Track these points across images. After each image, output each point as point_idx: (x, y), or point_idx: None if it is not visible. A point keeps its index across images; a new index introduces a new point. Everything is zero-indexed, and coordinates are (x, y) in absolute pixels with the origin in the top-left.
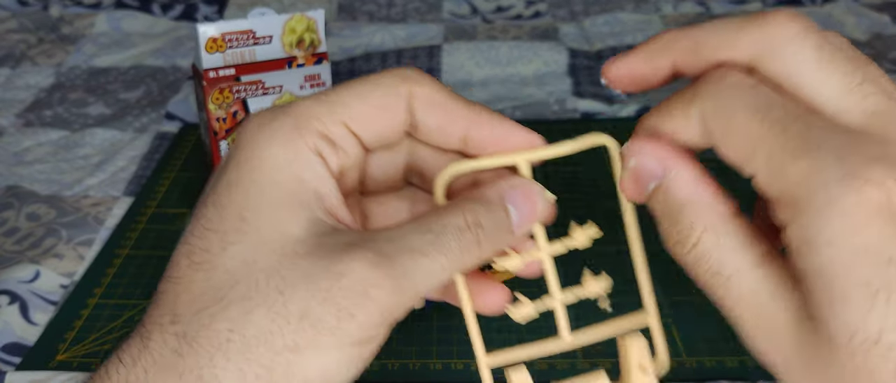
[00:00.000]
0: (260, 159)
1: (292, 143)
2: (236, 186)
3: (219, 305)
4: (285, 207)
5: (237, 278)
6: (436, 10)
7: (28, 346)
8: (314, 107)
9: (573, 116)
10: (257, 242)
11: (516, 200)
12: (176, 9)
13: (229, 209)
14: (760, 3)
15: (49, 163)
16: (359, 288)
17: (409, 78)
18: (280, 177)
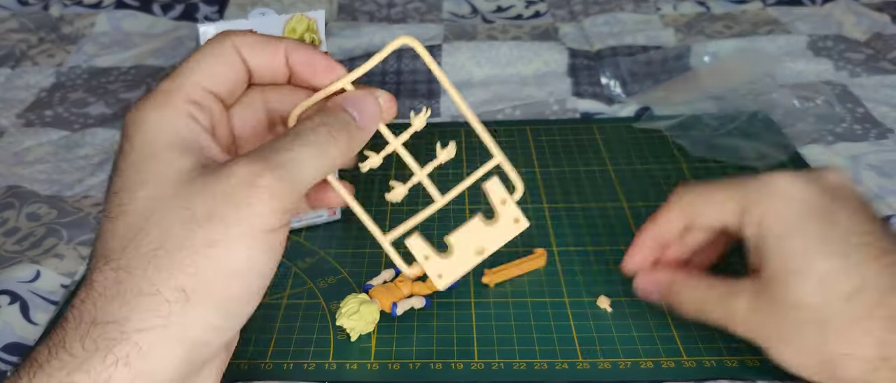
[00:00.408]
0: (143, 125)
1: (165, 109)
2: (129, 152)
3: (140, 235)
4: (172, 152)
5: (149, 211)
6: (436, 10)
7: (28, 346)
8: (174, 80)
9: (573, 116)
10: (157, 182)
11: (354, 103)
12: (176, 9)
13: (128, 170)
14: (761, 3)
15: (49, 163)
16: (248, 181)
17: (229, 34)
18: (162, 134)
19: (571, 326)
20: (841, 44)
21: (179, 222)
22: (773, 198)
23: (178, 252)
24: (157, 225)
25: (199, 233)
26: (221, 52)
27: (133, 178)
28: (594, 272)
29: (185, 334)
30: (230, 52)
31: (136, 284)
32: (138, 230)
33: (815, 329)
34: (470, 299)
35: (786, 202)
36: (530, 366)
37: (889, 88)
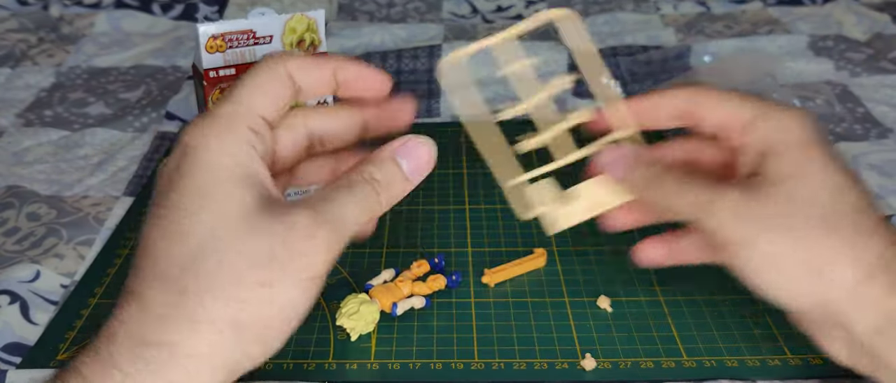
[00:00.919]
0: (206, 151)
1: (229, 138)
2: (190, 173)
3: (199, 262)
4: (235, 184)
5: (211, 241)
6: (436, 10)
7: (28, 346)
8: (234, 104)
9: None
10: (220, 212)
11: (407, 153)
12: (176, 9)
13: (189, 190)
14: (761, 3)
15: (49, 163)
16: (307, 233)
17: (281, 57)
18: (225, 162)
19: (571, 326)
20: (841, 44)
21: (240, 258)
22: (792, 114)
23: (234, 286)
24: (217, 256)
25: (257, 272)
26: (275, 76)
27: (196, 202)
28: (594, 272)
29: (228, 361)
30: (283, 77)
31: (192, 311)
32: (197, 257)
33: (822, 226)
34: (470, 299)
35: (802, 121)
36: (530, 366)
37: (889, 88)
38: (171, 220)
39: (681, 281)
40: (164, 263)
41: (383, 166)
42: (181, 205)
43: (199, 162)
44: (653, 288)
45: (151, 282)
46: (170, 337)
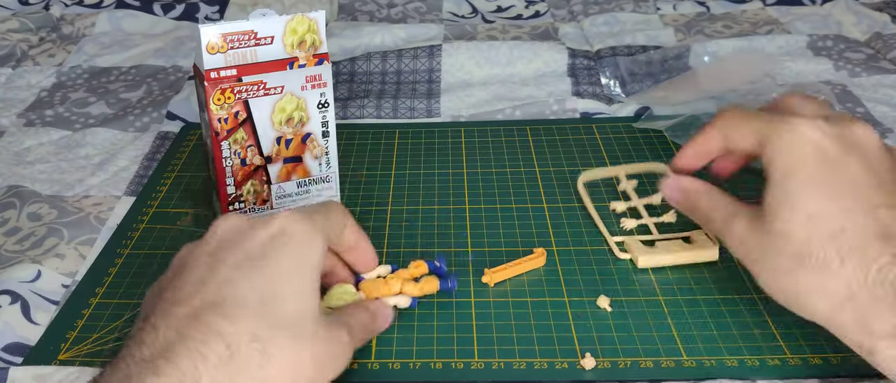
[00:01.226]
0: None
1: (317, 248)
2: (291, 259)
3: (286, 342)
4: (313, 286)
5: (295, 322)
6: (436, 10)
7: (29, 346)
8: (323, 227)
9: (573, 116)
10: (305, 304)
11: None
12: (177, 9)
13: (287, 272)
14: (761, 3)
15: (50, 163)
16: (344, 350)
17: (346, 212)
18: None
19: (571, 326)
20: (841, 43)
21: (311, 360)
22: (791, 136)
23: (300, 375)
24: (294, 345)
25: (311, 373)
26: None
27: (290, 282)
28: (594, 272)
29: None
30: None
31: (271, 378)
32: (287, 336)
33: (795, 260)
34: (470, 299)
35: (801, 143)
36: (530, 366)
37: (889, 88)
38: (269, 287)
39: (681, 281)
40: (262, 326)
41: (381, 311)
42: (277, 276)
43: (294, 249)
44: (653, 288)
45: (246, 337)
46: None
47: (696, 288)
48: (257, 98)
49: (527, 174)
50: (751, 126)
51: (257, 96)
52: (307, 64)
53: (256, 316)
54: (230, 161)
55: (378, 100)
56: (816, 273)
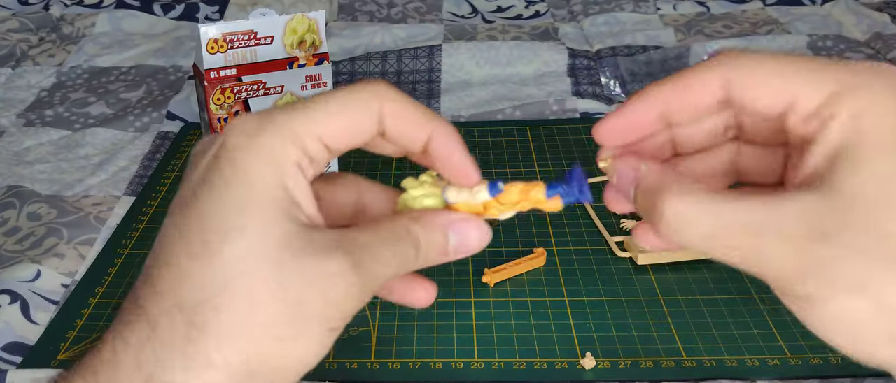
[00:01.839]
0: (253, 167)
1: (279, 158)
2: (234, 187)
3: (225, 293)
4: (275, 210)
5: (240, 268)
6: (436, 10)
7: (29, 345)
8: (295, 123)
9: (573, 116)
10: (255, 240)
11: (459, 231)
12: (177, 9)
13: (228, 206)
14: (761, 3)
15: (50, 163)
16: (343, 285)
17: (380, 94)
18: (270, 185)
19: (571, 326)
20: (841, 44)
21: (270, 296)
22: (886, 91)
23: (258, 335)
24: (246, 296)
25: (284, 324)
26: (360, 117)
27: (229, 220)
28: (594, 272)
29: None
30: (370, 119)
31: (206, 350)
32: (223, 287)
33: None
34: (470, 299)
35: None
36: (530, 366)
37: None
38: (199, 235)
39: (681, 281)
40: (186, 288)
41: (432, 234)
42: (212, 219)
43: (239, 171)
44: (653, 288)
45: (169, 307)
46: (179, 375)
47: (696, 288)
48: (257, 98)
49: (527, 174)
50: (793, 66)
51: (257, 96)
52: (307, 64)
53: (180, 276)
54: None
55: None
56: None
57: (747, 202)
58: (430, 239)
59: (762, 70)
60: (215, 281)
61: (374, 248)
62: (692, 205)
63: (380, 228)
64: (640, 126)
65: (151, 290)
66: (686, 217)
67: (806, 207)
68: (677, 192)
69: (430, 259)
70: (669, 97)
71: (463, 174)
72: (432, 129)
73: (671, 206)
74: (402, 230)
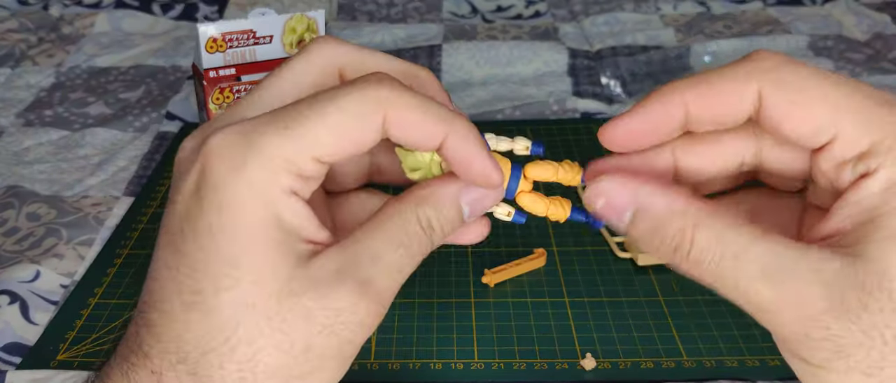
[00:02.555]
0: (239, 205)
1: (267, 190)
2: (220, 231)
3: (226, 346)
4: (272, 249)
5: (238, 321)
6: (436, 10)
7: (28, 346)
8: (285, 147)
9: (573, 116)
10: (252, 285)
11: (470, 194)
12: (176, 9)
13: (216, 254)
14: (761, 3)
15: (49, 163)
16: (355, 319)
17: (382, 102)
18: (260, 224)
19: (571, 326)
20: (841, 44)
21: (274, 347)
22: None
23: (266, 379)
24: (247, 343)
25: (292, 364)
26: (360, 131)
27: (221, 268)
28: (594, 272)
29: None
30: (371, 130)
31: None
32: (223, 342)
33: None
34: (470, 299)
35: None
36: (530, 366)
37: (889, 88)
38: (191, 282)
39: (681, 281)
40: (186, 340)
41: (443, 211)
42: (203, 266)
43: (224, 216)
44: (653, 288)
45: (172, 360)
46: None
47: (696, 288)
48: None
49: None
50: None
51: None
52: None
53: (178, 326)
54: None
55: None
56: None
57: (769, 247)
58: (443, 216)
59: (805, 91)
60: (213, 335)
61: (383, 256)
62: (725, 235)
63: (385, 225)
64: (659, 130)
65: (153, 337)
66: (717, 250)
67: (829, 276)
68: (706, 225)
69: (447, 237)
70: (694, 100)
71: (483, 178)
72: (447, 133)
73: (700, 239)
74: (412, 220)
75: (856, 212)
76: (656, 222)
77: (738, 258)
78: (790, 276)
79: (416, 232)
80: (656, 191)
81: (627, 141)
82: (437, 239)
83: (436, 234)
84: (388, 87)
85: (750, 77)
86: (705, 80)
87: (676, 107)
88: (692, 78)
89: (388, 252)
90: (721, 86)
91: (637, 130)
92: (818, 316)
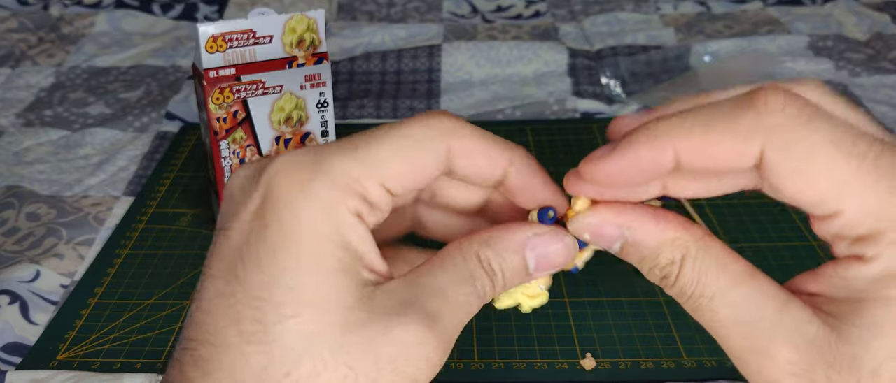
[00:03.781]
0: (305, 226)
1: (335, 209)
2: (283, 253)
3: (287, 380)
4: (336, 275)
5: (300, 353)
6: (436, 10)
7: (28, 346)
8: (353, 168)
9: (573, 116)
10: (316, 315)
11: (538, 248)
12: (176, 8)
13: (279, 278)
14: (761, 3)
15: (49, 163)
16: (420, 355)
17: (447, 132)
18: (327, 245)
19: (571, 326)
20: (841, 44)
21: (338, 380)
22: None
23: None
24: (308, 377)
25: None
26: (425, 159)
27: (284, 294)
28: (594, 272)
29: None
30: (437, 160)
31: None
32: (284, 373)
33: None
34: None
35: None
36: (530, 366)
37: (889, 88)
38: (251, 311)
39: None
40: (244, 372)
41: (508, 258)
42: (264, 293)
43: (287, 234)
44: (653, 288)
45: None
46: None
47: None
48: (256, 97)
49: None
50: (838, 171)
51: (256, 95)
52: (306, 63)
53: (234, 361)
54: (229, 160)
55: (378, 99)
56: None
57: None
58: (506, 262)
59: (812, 161)
60: (274, 369)
61: (448, 292)
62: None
63: (447, 263)
64: (645, 174)
65: (200, 373)
66: (700, 283)
67: (802, 343)
68: (692, 258)
69: (511, 285)
70: (687, 149)
71: (546, 198)
72: (510, 159)
73: (687, 271)
74: (473, 259)
75: (845, 286)
76: (646, 252)
77: (714, 300)
78: (763, 332)
79: (479, 272)
80: (646, 222)
81: (609, 182)
82: (498, 284)
83: (498, 279)
84: (451, 120)
85: (753, 134)
86: (701, 125)
87: (666, 152)
88: (686, 119)
89: (453, 288)
90: (718, 139)
91: (618, 173)
92: (782, 378)
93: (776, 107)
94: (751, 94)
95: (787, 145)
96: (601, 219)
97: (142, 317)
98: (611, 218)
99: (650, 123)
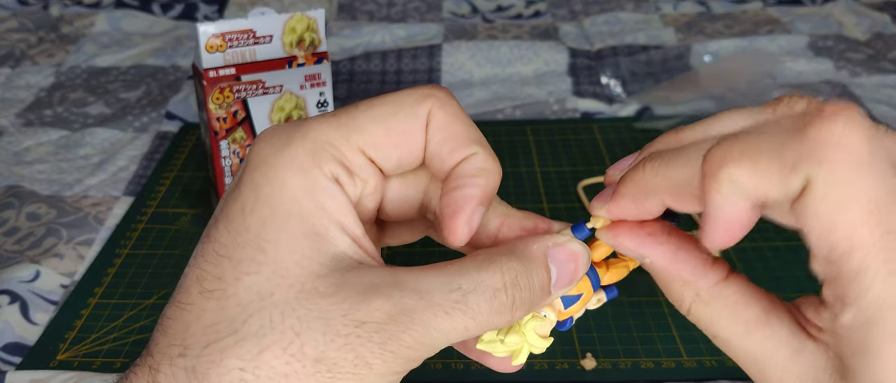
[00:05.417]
0: (277, 186)
1: (310, 171)
2: (252, 213)
3: (231, 338)
4: (306, 239)
5: (250, 311)
6: (436, 10)
7: (28, 346)
8: (330, 131)
9: (573, 116)
10: (275, 275)
11: (560, 259)
12: (176, 8)
13: (245, 236)
14: (761, 3)
15: (49, 163)
16: (377, 339)
17: (429, 96)
18: (300, 206)
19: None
20: (841, 43)
21: (281, 348)
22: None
23: None
24: (253, 337)
25: (299, 374)
26: (405, 124)
27: (248, 252)
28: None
29: None
30: (418, 126)
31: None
32: (231, 330)
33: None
34: None
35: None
36: (530, 366)
37: (889, 88)
38: (215, 268)
39: None
40: (194, 330)
41: (533, 270)
42: (233, 253)
43: (269, 201)
44: (653, 288)
45: (172, 352)
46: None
47: None
48: (256, 97)
49: (527, 174)
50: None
51: (256, 95)
52: (306, 63)
53: (189, 317)
54: (229, 160)
55: None
56: None
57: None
58: (534, 280)
59: (845, 213)
60: (223, 325)
61: (434, 296)
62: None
63: (454, 266)
64: (644, 215)
65: (161, 333)
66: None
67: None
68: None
69: (532, 306)
70: (674, 205)
71: (450, 230)
72: (469, 155)
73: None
74: (488, 271)
75: (848, 333)
76: (661, 277)
77: (728, 343)
78: (774, 379)
79: (495, 287)
80: (662, 256)
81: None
82: (519, 302)
83: (519, 294)
84: (437, 89)
85: (798, 164)
86: (684, 186)
87: (653, 205)
88: (667, 173)
89: (442, 295)
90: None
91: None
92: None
93: (828, 140)
94: (816, 114)
95: (828, 188)
96: (623, 237)
97: (142, 317)
98: (632, 236)
99: (632, 176)
